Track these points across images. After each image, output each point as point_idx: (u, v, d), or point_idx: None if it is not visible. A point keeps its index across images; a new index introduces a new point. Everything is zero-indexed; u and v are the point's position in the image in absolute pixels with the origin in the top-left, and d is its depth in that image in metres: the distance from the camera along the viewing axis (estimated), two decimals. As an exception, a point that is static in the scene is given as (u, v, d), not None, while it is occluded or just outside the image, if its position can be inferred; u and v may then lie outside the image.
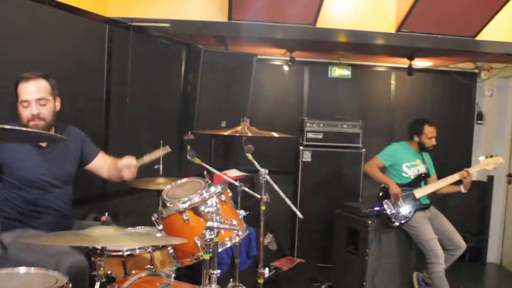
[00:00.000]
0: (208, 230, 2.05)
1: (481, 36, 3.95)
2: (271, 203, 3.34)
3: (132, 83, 3.95)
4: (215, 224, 2.07)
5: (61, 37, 3.31)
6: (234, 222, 2.37)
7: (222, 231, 2.38)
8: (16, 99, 2.64)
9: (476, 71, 6.05)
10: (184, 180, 2.82)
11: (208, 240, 2.03)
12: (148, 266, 2.49)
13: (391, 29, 3.86)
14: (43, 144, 2.74)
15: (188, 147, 3.08)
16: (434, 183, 4.48)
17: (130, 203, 3.99)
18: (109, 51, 3.72)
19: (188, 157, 3.01)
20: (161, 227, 2.44)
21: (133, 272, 2.34)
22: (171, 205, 2.41)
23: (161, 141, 3.43)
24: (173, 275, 2.36)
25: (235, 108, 4.50)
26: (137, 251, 2.55)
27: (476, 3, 3.62)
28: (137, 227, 3.04)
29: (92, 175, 3.09)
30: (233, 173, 4.97)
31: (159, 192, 3.50)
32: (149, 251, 2.54)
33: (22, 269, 2.06)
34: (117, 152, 3.87)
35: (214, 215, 2.19)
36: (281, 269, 4.89)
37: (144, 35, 4.09)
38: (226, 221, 2.28)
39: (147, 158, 3.03)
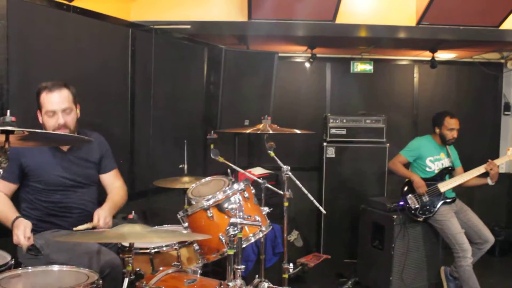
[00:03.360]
0: (231, 226, 2.10)
1: (506, 25, 3.90)
2: (296, 200, 3.37)
3: (156, 85, 4.04)
4: (238, 220, 2.12)
5: (87, 42, 3.41)
6: (258, 218, 2.41)
7: (246, 227, 2.44)
8: (38, 108, 2.73)
9: (502, 61, 5.94)
10: (208, 178, 2.88)
11: (232, 236, 2.08)
12: (175, 263, 2.55)
13: (412, 22, 3.85)
14: (65, 149, 2.84)
15: (211, 146, 3.14)
16: (459, 176, 4.44)
17: (157, 202, 4.09)
18: (133, 54, 3.81)
19: (211, 155, 3.08)
20: (186, 224, 2.50)
21: (161, 269, 2.41)
22: (196, 203, 2.48)
23: (185, 141, 3.51)
24: (199, 272, 2.43)
25: (258, 106, 4.54)
26: (164, 249, 2.63)
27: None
28: (164, 225, 3.11)
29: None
30: (257, 171, 5.01)
31: (184, 191, 3.60)
32: (175, 248, 2.61)
33: (56, 267, 2.17)
34: (143, 153, 4.01)
35: (237, 211, 2.23)
36: (308, 266, 4.91)
37: (166, 37, 4.17)
38: (249, 217, 2.33)
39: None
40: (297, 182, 3.08)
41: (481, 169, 4.30)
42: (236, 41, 4.92)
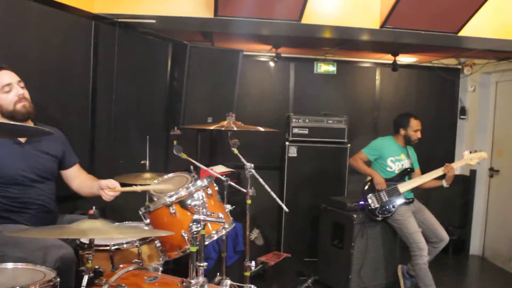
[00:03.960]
0: (194, 223, 2.07)
1: (464, 32, 4.01)
2: (258, 198, 3.37)
3: (118, 79, 3.95)
4: (202, 217, 2.10)
5: (47, 33, 3.30)
6: (221, 215, 2.39)
7: (209, 224, 2.42)
8: None
9: (459, 67, 6.15)
10: (170, 175, 2.84)
11: (195, 232, 2.05)
12: (136, 260, 2.50)
13: (376, 25, 3.90)
14: (22, 140, 2.72)
15: (175, 142, 3.11)
16: (418, 177, 4.55)
17: (117, 199, 3.98)
18: (95, 47, 3.70)
19: (174, 152, 3.04)
20: (148, 221, 2.46)
21: (121, 266, 2.36)
22: (158, 199, 2.44)
23: (147, 136, 3.44)
24: (161, 269, 2.38)
25: (221, 104, 4.51)
26: (125, 246, 2.57)
27: (459, -1, 3.68)
28: (125, 222, 3.05)
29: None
30: (219, 169, 4.99)
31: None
32: (136, 245, 2.55)
33: (10, 265, 2.07)
34: (104, 149, 3.91)
35: (201, 208, 2.21)
36: (268, 264, 4.92)
37: (130, 32, 4.09)
38: (212, 214, 2.31)
39: (139, 188, 2.78)
40: (260, 180, 3.09)
41: (439, 172, 4.42)
42: (201, 38, 4.88)
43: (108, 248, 2.52)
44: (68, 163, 2.95)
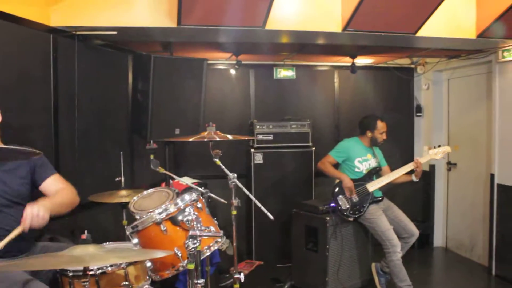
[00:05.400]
0: (191, 239, 2.00)
1: (420, 33, 4.14)
2: (226, 207, 3.32)
3: (80, 94, 3.79)
4: (198, 232, 2.03)
5: (4, 48, 3.11)
6: (212, 229, 2.33)
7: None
8: None
9: (413, 66, 6.35)
10: (150, 190, 2.75)
11: (192, 249, 1.98)
12: (124, 282, 2.38)
13: (338, 28, 3.96)
14: None
15: (151, 156, 3.01)
16: (386, 175, 4.63)
17: (88, 219, 3.82)
18: (55, 61, 3.53)
19: (152, 166, 2.94)
20: (136, 240, 2.35)
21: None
22: (146, 217, 2.33)
23: (121, 152, 3.32)
24: (152, 289, 2.29)
25: (188, 114, 4.42)
26: (110, 269, 2.44)
27: (417, 1, 3.79)
28: (104, 243, 2.91)
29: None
30: (186, 181, 4.89)
31: (122, 205, 3.41)
32: (123, 267, 2.43)
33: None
34: (69, 167, 3.74)
35: (195, 223, 2.14)
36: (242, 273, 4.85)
37: (89, 44, 3.94)
38: (206, 229, 2.23)
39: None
40: (244, 189, 3.04)
41: (408, 167, 4.52)
42: (160, 48, 4.77)
43: (92, 272, 2.38)
44: (41, 176, 2.75)
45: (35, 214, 2.31)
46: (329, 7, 3.97)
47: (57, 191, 2.73)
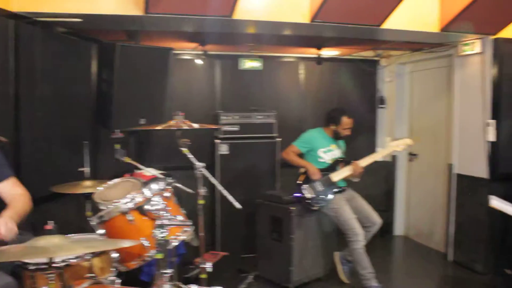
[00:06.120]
0: (158, 229, 1.98)
1: (385, 25, 4.21)
2: (191, 197, 3.30)
3: (43, 83, 3.67)
4: (166, 222, 2.01)
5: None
6: (180, 218, 2.31)
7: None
8: None
9: (377, 58, 6.45)
10: (115, 180, 2.71)
11: (160, 238, 1.96)
12: (88, 274, 2.34)
13: (306, 19, 3.97)
14: None
15: (117, 146, 2.95)
16: (348, 166, 4.69)
17: (50, 211, 3.72)
18: (16, 49, 3.40)
19: (117, 156, 2.90)
20: (102, 231, 2.31)
21: (74, 283, 2.19)
22: (112, 207, 2.30)
23: (87, 142, 3.23)
24: (118, 281, 2.25)
25: (153, 104, 4.36)
26: (74, 260, 2.38)
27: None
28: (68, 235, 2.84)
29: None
30: (151, 172, 4.83)
31: (86, 196, 3.34)
32: (87, 259, 2.38)
33: None
34: (31, 157, 3.63)
35: (163, 212, 2.12)
36: (207, 264, 4.84)
37: (52, 32, 3.82)
38: (174, 218, 2.22)
39: None
40: (211, 178, 3.04)
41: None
42: (125, 37, 4.67)
43: (56, 265, 2.32)
44: None
45: (8, 226, 2.26)
46: (298, -2, 3.98)
47: (15, 197, 2.64)
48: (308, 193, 4.58)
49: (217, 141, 5.49)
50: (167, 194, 2.41)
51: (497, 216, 4.23)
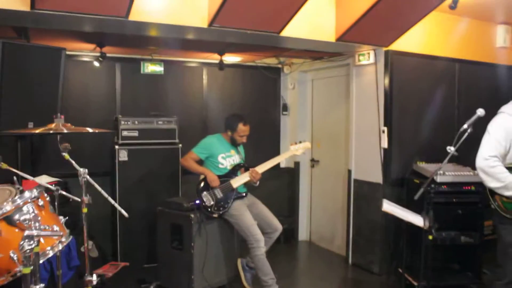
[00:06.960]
0: (26, 240, 1.80)
1: (284, 33, 4.28)
2: (89, 207, 3.12)
3: None
4: (35, 232, 1.84)
5: None
6: (56, 228, 2.14)
7: (42, 240, 2.14)
8: None
9: (280, 66, 6.57)
10: (-11, 189, 2.46)
11: (27, 251, 1.79)
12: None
13: (204, 23, 3.92)
14: None
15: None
16: (247, 172, 4.67)
17: None
18: None
19: (-10, 162, 2.64)
20: (-35, 245, 2.08)
21: None
22: (-23, 218, 2.08)
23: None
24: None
25: (43, 107, 4.06)
26: None
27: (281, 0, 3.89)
28: None
29: None
30: (44, 180, 4.51)
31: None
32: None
33: None
34: None
35: (33, 222, 1.95)
36: (106, 276, 4.61)
37: None
38: (46, 228, 2.04)
39: None
40: (96, 185, 2.87)
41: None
42: (15, 34, 4.33)
43: None
44: None
45: None
46: (196, 2, 3.91)
47: None
48: (208, 200, 4.52)
49: (116, 147, 5.27)
50: (41, 202, 2.21)
51: (391, 219, 4.44)
